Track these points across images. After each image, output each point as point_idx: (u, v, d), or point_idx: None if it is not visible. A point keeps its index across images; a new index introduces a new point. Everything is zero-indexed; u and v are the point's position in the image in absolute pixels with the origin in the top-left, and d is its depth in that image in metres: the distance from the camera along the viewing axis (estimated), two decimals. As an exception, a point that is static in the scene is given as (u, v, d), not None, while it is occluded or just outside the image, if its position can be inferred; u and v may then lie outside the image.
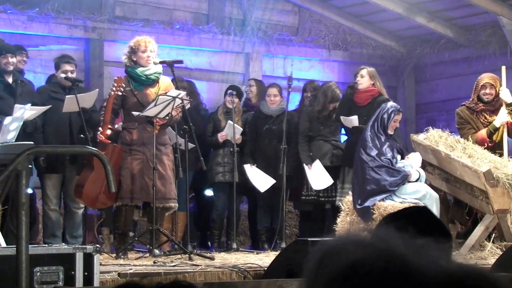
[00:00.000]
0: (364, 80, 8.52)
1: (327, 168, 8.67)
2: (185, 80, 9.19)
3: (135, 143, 7.41)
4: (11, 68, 7.73)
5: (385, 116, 7.89)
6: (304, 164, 8.69)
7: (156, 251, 7.12)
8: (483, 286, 1.16)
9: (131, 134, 7.44)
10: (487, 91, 8.32)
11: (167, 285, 1.43)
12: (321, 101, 8.80)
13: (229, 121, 8.66)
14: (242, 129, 8.74)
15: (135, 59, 7.49)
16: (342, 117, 8.55)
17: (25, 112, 7.30)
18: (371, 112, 8.18)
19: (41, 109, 7.61)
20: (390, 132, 7.93)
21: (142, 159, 7.39)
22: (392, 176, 7.69)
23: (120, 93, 7.34)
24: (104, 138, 7.26)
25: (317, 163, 8.65)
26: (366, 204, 7.63)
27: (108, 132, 7.29)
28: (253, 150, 8.88)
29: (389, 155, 7.80)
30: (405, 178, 7.72)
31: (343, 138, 9.15)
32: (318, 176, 8.62)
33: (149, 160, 7.36)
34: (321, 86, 9.17)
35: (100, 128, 7.29)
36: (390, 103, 8.12)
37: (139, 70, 7.46)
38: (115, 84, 7.36)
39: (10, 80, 7.76)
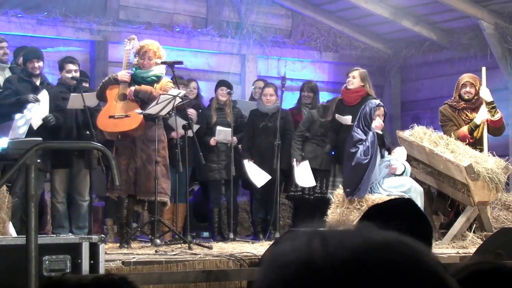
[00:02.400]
0: (355, 80, 8.52)
1: (316, 170, 8.64)
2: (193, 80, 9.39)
3: (124, 137, 7.40)
4: (37, 72, 7.84)
5: (367, 112, 7.88)
6: (294, 160, 8.67)
7: (158, 241, 7.13)
8: (383, 266, 0.91)
9: None
10: (467, 89, 8.34)
11: (102, 278, 1.27)
12: (333, 112, 8.68)
13: (218, 127, 8.63)
14: (230, 128, 8.64)
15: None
16: (337, 115, 8.53)
17: (33, 108, 7.31)
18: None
19: (43, 96, 7.58)
20: (378, 130, 7.90)
21: (128, 154, 7.38)
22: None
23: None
24: (128, 78, 7.35)
25: (306, 163, 8.65)
26: (359, 193, 7.66)
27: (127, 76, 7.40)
28: (250, 146, 8.88)
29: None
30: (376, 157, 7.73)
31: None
32: (303, 174, 8.61)
33: (134, 155, 7.35)
34: (333, 99, 9.11)
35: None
36: (371, 101, 8.08)
37: (137, 72, 7.51)
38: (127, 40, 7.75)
39: (38, 82, 7.85)
